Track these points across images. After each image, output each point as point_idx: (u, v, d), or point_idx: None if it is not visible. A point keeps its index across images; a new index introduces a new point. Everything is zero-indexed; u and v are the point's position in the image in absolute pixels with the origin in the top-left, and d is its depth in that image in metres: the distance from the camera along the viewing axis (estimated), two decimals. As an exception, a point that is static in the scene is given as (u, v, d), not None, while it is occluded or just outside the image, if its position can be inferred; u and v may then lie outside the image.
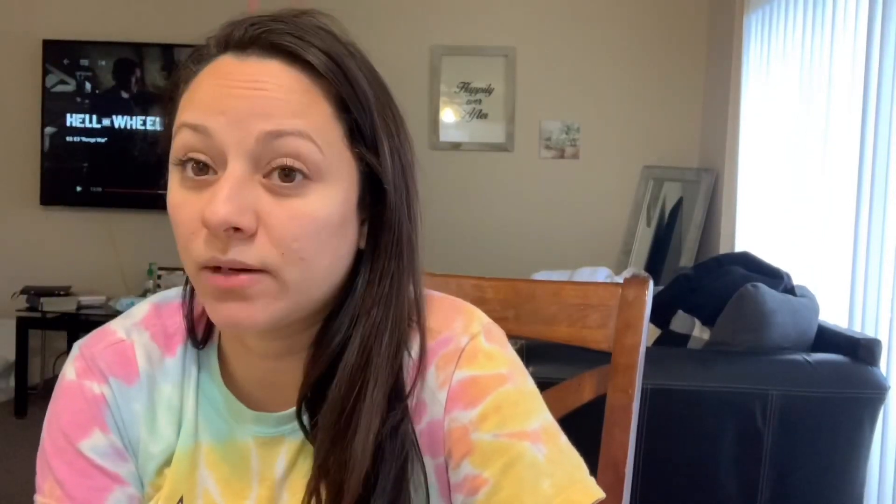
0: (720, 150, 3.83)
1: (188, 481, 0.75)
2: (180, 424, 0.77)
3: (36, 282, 4.17)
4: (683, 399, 2.06)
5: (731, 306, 2.25)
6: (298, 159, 0.65)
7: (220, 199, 0.63)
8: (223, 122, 0.64)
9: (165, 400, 0.77)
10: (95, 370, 0.76)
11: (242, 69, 0.66)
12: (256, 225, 0.65)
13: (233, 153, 0.64)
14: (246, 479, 0.75)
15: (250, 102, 0.64)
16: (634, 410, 1.00)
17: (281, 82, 0.65)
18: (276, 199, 0.65)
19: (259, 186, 0.65)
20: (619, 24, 4.38)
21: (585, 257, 4.05)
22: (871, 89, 2.44)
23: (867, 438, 2.13)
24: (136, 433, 0.77)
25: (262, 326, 0.67)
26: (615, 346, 1.02)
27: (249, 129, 0.64)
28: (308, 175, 0.65)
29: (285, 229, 0.65)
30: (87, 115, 4.39)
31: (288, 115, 0.65)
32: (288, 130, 0.64)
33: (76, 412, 0.75)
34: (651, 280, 1.05)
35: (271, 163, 0.65)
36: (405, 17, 4.30)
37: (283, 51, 0.66)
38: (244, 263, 0.65)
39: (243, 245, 0.64)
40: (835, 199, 2.77)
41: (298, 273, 0.66)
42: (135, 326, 0.79)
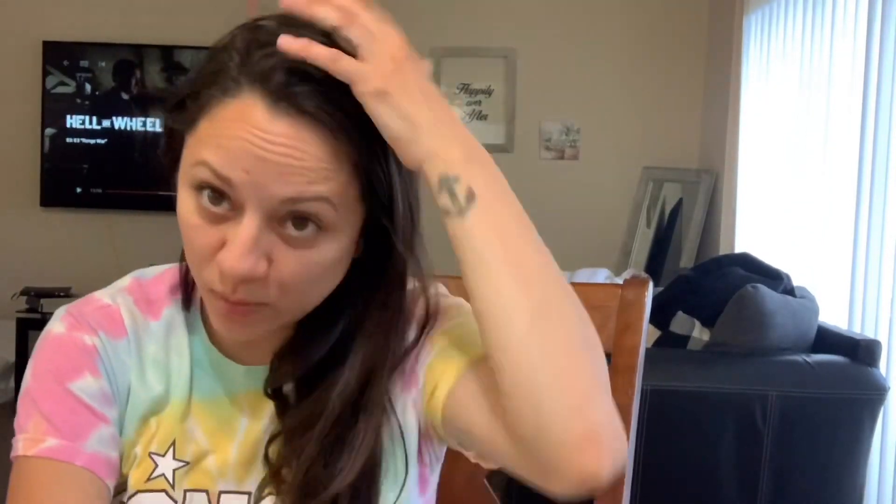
0: (720, 150, 3.83)
1: (179, 428, 0.79)
2: (168, 380, 0.80)
3: (36, 283, 4.17)
4: (683, 400, 2.06)
5: (730, 307, 2.25)
6: (314, 218, 0.68)
7: (238, 255, 0.67)
8: (247, 180, 0.66)
9: (151, 357, 0.81)
10: (85, 325, 0.79)
11: (273, 127, 0.66)
12: (267, 270, 0.68)
13: (252, 206, 0.67)
14: (233, 429, 0.79)
15: (276, 167, 0.66)
16: (634, 411, 1.00)
17: (308, 149, 0.66)
18: (288, 248, 0.69)
19: (273, 234, 0.68)
20: (619, 26, 4.38)
21: (585, 258, 4.05)
22: (871, 89, 2.44)
23: (867, 439, 2.13)
24: (126, 381, 0.80)
25: (257, 338, 0.75)
26: (615, 347, 1.02)
27: (271, 192, 0.66)
28: (321, 228, 0.69)
29: (294, 275, 0.69)
30: (87, 116, 4.39)
31: (312, 183, 0.67)
32: (309, 197, 0.67)
33: (68, 357, 0.78)
34: (651, 281, 1.05)
35: (289, 214, 0.68)
36: (405, 19, 4.26)
37: (313, 116, 0.67)
38: (249, 302, 0.70)
39: (253, 287, 0.69)
40: (835, 199, 2.77)
41: (295, 303, 0.72)
42: (119, 292, 0.83)
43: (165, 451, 0.78)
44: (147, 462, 0.78)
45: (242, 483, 0.78)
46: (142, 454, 0.79)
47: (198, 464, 0.79)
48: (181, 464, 0.78)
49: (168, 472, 0.78)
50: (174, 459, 0.78)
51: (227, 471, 0.79)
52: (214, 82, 0.68)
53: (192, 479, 0.78)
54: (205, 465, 0.79)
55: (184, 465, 0.78)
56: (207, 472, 0.79)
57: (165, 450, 0.79)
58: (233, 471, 0.79)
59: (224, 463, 0.79)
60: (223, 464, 0.79)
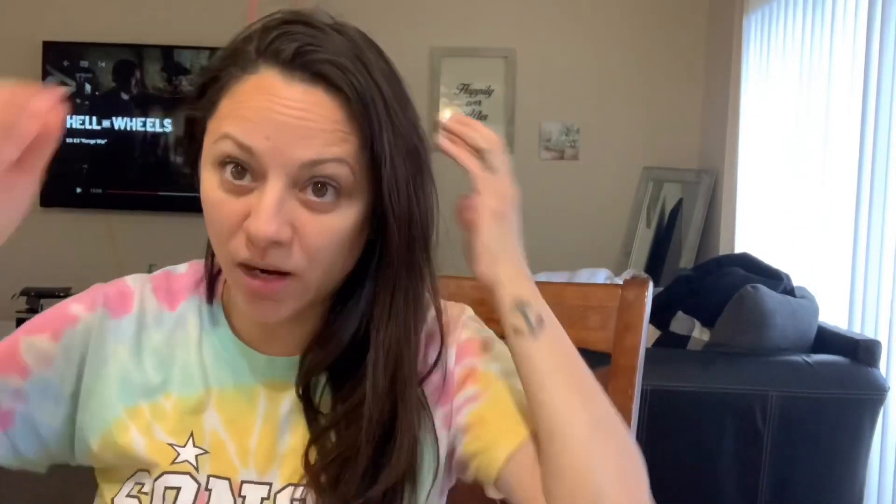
0: (720, 150, 3.83)
1: (195, 421, 0.82)
2: (168, 372, 0.83)
3: (36, 283, 4.17)
4: (683, 400, 2.06)
5: (730, 307, 2.25)
6: (333, 181, 0.73)
7: (265, 217, 0.71)
8: (268, 146, 0.71)
9: (152, 345, 0.84)
10: (89, 300, 0.85)
11: (289, 93, 0.72)
12: (292, 235, 0.73)
13: (274, 173, 0.71)
14: (251, 419, 0.82)
15: (295, 131, 0.71)
16: (634, 411, 1.00)
17: (324, 112, 0.72)
18: (309, 213, 0.73)
19: (295, 200, 0.73)
20: (619, 26, 4.38)
21: (585, 258, 4.05)
22: (871, 89, 2.44)
23: (867, 439, 2.13)
24: (104, 355, 0.83)
25: (285, 318, 0.78)
26: (615, 348, 1.02)
27: (292, 155, 0.71)
28: (339, 194, 0.73)
29: (316, 240, 0.73)
30: (86, 116, 4.39)
31: (329, 144, 0.72)
32: (328, 158, 0.72)
33: (48, 319, 0.84)
34: (651, 281, 1.05)
35: (310, 180, 0.72)
36: (405, 19, 4.30)
37: (326, 79, 0.72)
38: (279, 268, 0.73)
39: (280, 252, 0.72)
40: (834, 199, 2.77)
41: (321, 276, 0.76)
42: (145, 279, 0.88)
43: (185, 443, 0.81)
44: (168, 450, 0.81)
45: (263, 474, 0.81)
46: (148, 440, 0.81)
47: (217, 452, 0.81)
48: (201, 451, 0.81)
49: (191, 457, 0.81)
50: (194, 447, 0.81)
51: (248, 461, 0.81)
52: (234, 63, 0.74)
53: (215, 465, 0.81)
54: (226, 454, 0.81)
55: (204, 452, 0.81)
56: (230, 460, 0.81)
57: (185, 441, 0.81)
58: (254, 461, 0.81)
59: (245, 453, 0.81)
60: (244, 454, 0.81)
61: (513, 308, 0.77)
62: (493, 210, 0.79)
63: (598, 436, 0.74)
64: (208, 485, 0.80)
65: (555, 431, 0.74)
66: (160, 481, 0.80)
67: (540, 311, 0.78)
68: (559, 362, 0.76)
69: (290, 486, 0.80)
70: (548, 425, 0.75)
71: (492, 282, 0.79)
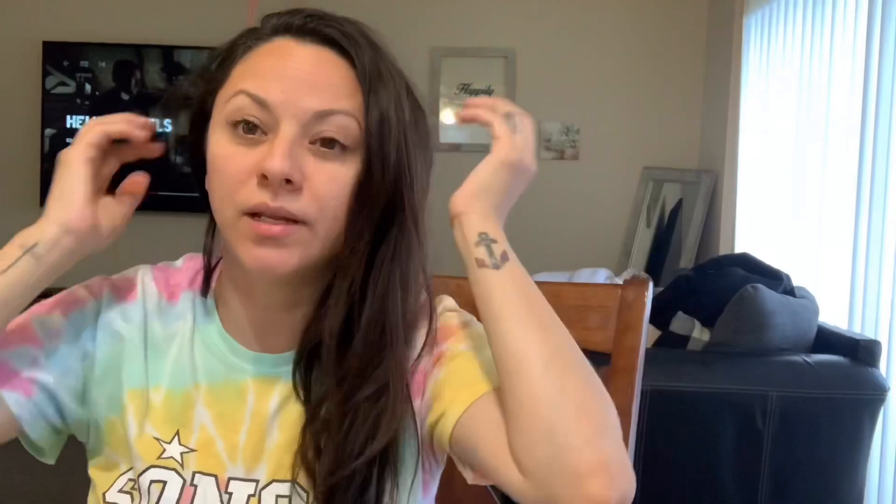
0: (720, 151, 3.83)
1: (183, 417, 0.83)
2: (161, 366, 0.84)
3: (36, 283, 4.17)
4: (683, 400, 2.06)
5: (730, 307, 2.25)
6: (342, 133, 0.77)
7: (279, 154, 0.74)
8: (281, 98, 0.76)
9: (152, 335, 0.85)
10: (97, 287, 0.87)
11: (301, 51, 0.78)
12: (303, 181, 0.75)
13: (286, 121, 0.75)
14: (240, 415, 0.83)
15: (306, 83, 0.76)
16: (634, 412, 1.00)
17: (333, 69, 0.78)
18: (319, 162, 0.76)
19: (305, 149, 0.76)
20: (619, 26, 4.38)
21: (585, 258, 4.05)
22: (871, 90, 2.44)
23: (867, 439, 2.13)
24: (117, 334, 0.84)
25: (290, 271, 0.77)
26: (615, 348, 1.02)
27: (304, 105, 0.76)
28: (347, 146, 0.77)
29: (326, 188, 0.76)
30: (87, 116, 4.39)
31: (338, 98, 0.77)
32: (337, 110, 0.76)
33: (50, 303, 0.85)
34: (651, 281, 1.05)
35: (319, 133, 0.76)
36: (404, 19, 4.29)
37: (335, 44, 0.78)
38: (289, 212, 0.75)
39: (291, 196, 0.75)
40: (835, 199, 2.77)
41: (329, 226, 0.77)
42: (147, 270, 0.90)
43: (171, 439, 0.82)
44: (155, 444, 0.82)
45: (251, 471, 0.81)
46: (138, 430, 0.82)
47: (205, 450, 0.82)
48: (187, 449, 0.82)
49: (176, 454, 0.81)
50: (180, 445, 0.82)
51: (236, 456, 0.81)
52: (248, 37, 0.81)
53: (202, 462, 0.81)
54: (214, 450, 0.82)
55: (189, 451, 0.82)
56: (217, 456, 0.82)
57: (171, 437, 0.82)
58: (242, 456, 0.81)
59: (234, 448, 0.82)
60: (233, 449, 0.82)
61: (478, 241, 0.78)
62: (503, 158, 0.80)
63: (555, 367, 0.72)
64: (193, 480, 0.81)
65: (511, 365, 0.73)
66: (146, 475, 0.81)
67: (505, 248, 0.78)
68: (519, 294, 0.76)
69: (275, 483, 0.80)
70: (505, 358, 0.74)
71: (461, 212, 0.79)
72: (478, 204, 0.79)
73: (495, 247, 0.77)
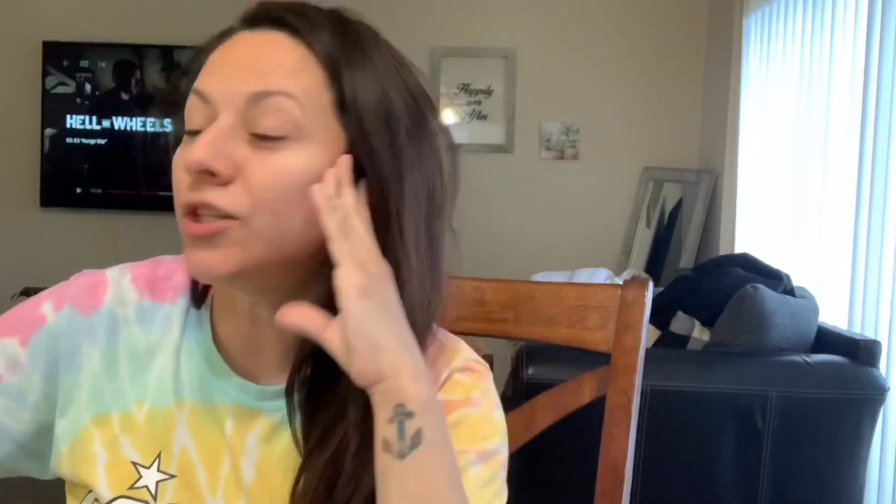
0: (720, 151, 3.83)
1: (165, 438, 0.75)
2: (145, 382, 0.77)
3: (36, 283, 4.16)
4: (683, 400, 2.06)
5: (730, 307, 2.25)
6: (280, 117, 0.68)
7: (200, 144, 0.67)
8: (217, 87, 0.69)
9: (129, 344, 0.78)
10: (59, 295, 0.79)
11: (250, 39, 0.71)
12: (234, 173, 0.68)
13: (223, 109, 0.69)
14: (221, 443, 0.75)
15: (244, 67, 0.69)
16: (634, 412, 1.00)
17: (279, 51, 0.70)
18: (255, 152, 0.68)
19: (243, 139, 0.68)
20: (619, 26, 4.38)
21: (585, 258, 4.05)
22: (871, 90, 2.44)
23: (867, 439, 2.13)
24: (75, 359, 0.77)
25: (228, 274, 0.69)
26: (615, 348, 1.02)
27: (239, 89, 0.68)
28: (286, 133, 0.68)
29: (259, 178, 0.68)
30: (87, 116, 4.39)
31: (277, 77, 0.68)
32: (274, 91, 0.68)
33: (18, 318, 0.78)
34: (651, 281, 1.05)
35: (256, 119, 0.68)
36: (404, 19, 4.29)
37: (287, 25, 0.71)
38: (216, 206, 0.67)
39: (217, 189, 0.67)
40: (835, 199, 2.77)
41: (269, 224, 0.68)
42: (123, 268, 0.82)
43: (151, 464, 0.75)
44: (130, 469, 0.75)
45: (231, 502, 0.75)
46: (111, 456, 0.75)
47: (185, 476, 0.75)
48: (165, 476, 0.75)
49: (151, 483, 0.74)
50: (158, 471, 0.75)
51: (217, 488, 0.75)
52: (215, 38, 0.74)
53: (179, 493, 0.74)
54: (193, 480, 0.75)
55: (168, 477, 0.75)
56: (197, 486, 0.75)
57: (151, 462, 0.75)
58: (223, 489, 0.75)
59: (215, 479, 0.75)
60: (214, 480, 0.75)
61: (390, 416, 0.65)
62: (358, 286, 0.66)
63: None
64: None
65: None
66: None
67: (423, 424, 0.65)
68: (420, 495, 0.65)
69: None
70: None
71: (375, 381, 0.66)
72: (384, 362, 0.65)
73: (409, 424, 0.64)
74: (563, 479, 1.84)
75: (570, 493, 1.27)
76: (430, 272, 0.73)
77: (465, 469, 0.72)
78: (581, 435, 1.16)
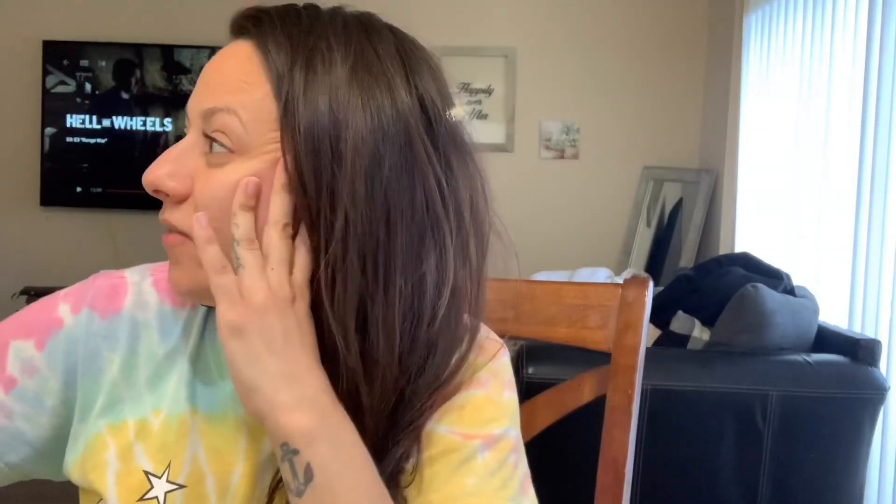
0: (720, 150, 3.83)
1: (177, 446, 0.74)
2: (161, 388, 0.75)
3: (36, 282, 4.17)
4: (683, 399, 2.06)
5: (731, 307, 2.25)
6: (223, 132, 0.68)
7: (156, 163, 0.69)
8: (191, 103, 0.71)
9: (149, 350, 0.76)
10: (78, 297, 0.77)
11: (225, 51, 0.71)
12: (187, 191, 0.69)
13: (192, 125, 0.71)
14: (234, 453, 0.74)
15: (208, 84, 0.70)
16: (634, 411, 1.00)
17: (236, 61, 0.69)
18: (206, 168, 0.69)
19: (202, 156, 0.70)
20: (619, 25, 4.38)
21: (585, 258, 4.05)
22: (871, 90, 2.44)
23: (867, 439, 2.13)
24: (95, 364, 0.75)
25: (185, 289, 0.71)
26: (615, 347, 1.02)
27: (199, 106, 0.70)
28: (231, 148, 0.68)
29: (200, 196, 0.68)
30: (87, 115, 4.39)
31: (224, 93, 0.68)
32: (219, 107, 0.68)
33: (36, 320, 0.77)
34: (651, 280, 1.05)
35: (209, 136, 0.69)
36: (404, 18, 4.27)
37: (248, 34, 0.70)
38: (172, 225, 0.70)
39: (175, 210, 0.69)
40: (835, 199, 2.77)
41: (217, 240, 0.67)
42: (144, 270, 0.81)
43: (162, 473, 0.73)
44: (142, 479, 0.73)
45: None
46: (123, 466, 0.74)
47: (195, 487, 0.73)
48: (174, 487, 0.73)
49: (161, 494, 0.73)
50: (168, 482, 0.73)
51: (226, 499, 0.73)
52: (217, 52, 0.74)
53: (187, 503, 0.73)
54: (203, 491, 0.74)
55: (177, 488, 0.73)
56: (205, 497, 0.73)
57: (162, 472, 0.73)
58: (233, 500, 0.73)
59: (224, 490, 0.74)
60: (223, 491, 0.74)
61: (280, 456, 0.64)
62: (229, 323, 0.64)
63: None
64: None
65: None
66: None
67: (310, 457, 0.63)
68: None
69: None
70: None
71: (260, 420, 0.65)
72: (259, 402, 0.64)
73: (298, 461, 0.63)
74: (564, 478, 1.84)
75: (571, 493, 1.27)
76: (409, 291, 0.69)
77: (472, 458, 0.71)
78: (581, 434, 1.16)
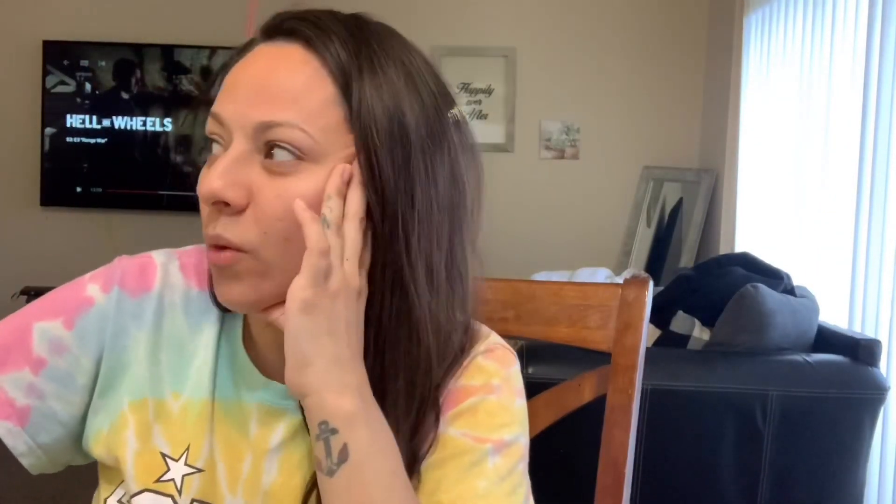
0: (720, 150, 3.83)
1: (196, 431, 0.75)
2: (183, 372, 0.77)
3: (36, 282, 4.17)
4: (683, 399, 2.06)
5: (731, 307, 2.25)
6: (291, 144, 0.66)
7: (215, 173, 0.66)
8: (230, 111, 0.68)
9: (174, 332, 0.77)
10: (106, 277, 0.78)
11: (265, 53, 0.69)
12: (247, 202, 0.67)
13: (237, 134, 0.67)
14: (245, 443, 0.75)
15: (255, 90, 0.67)
16: (634, 411, 1.00)
17: (289, 66, 0.68)
18: (268, 178, 0.67)
19: (258, 165, 0.67)
20: (619, 25, 4.38)
21: (585, 258, 4.05)
22: (871, 90, 2.44)
23: (867, 439, 2.13)
24: (125, 344, 0.76)
25: (247, 305, 0.69)
26: (615, 347, 1.02)
27: (249, 116, 0.67)
28: (300, 157, 0.67)
29: (270, 207, 0.66)
30: (87, 115, 4.39)
31: (284, 104, 0.67)
32: (277, 121, 0.66)
33: (58, 299, 0.78)
34: (651, 280, 1.05)
35: (268, 144, 0.67)
36: (405, 18, 4.27)
37: (301, 36, 0.69)
38: (226, 240, 0.67)
39: (229, 221, 0.67)
40: (835, 199, 2.77)
41: (278, 253, 0.67)
42: (170, 253, 0.81)
43: (179, 456, 0.75)
44: (158, 461, 0.75)
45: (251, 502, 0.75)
46: (141, 445, 0.75)
47: (209, 472, 0.75)
48: (192, 470, 0.75)
49: (178, 477, 0.74)
50: (186, 465, 0.75)
51: (237, 488, 0.75)
52: (236, 52, 0.73)
53: (202, 488, 0.75)
54: (216, 476, 0.75)
55: (195, 471, 0.75)
56: (217, 483, 0.75)
57: (180, 454, 0.75)
58: (243, 489, 0.75)
59: (235, 479, 0.75)
60: (234, 480, 0.75)
61: (316, 434, 0.66)
62: (303, 299, 0.65)
63: None
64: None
65: None
66: (140, 498, 0.74)
67: (349, 439, 0.65)
68: None
69: None
70: None
71: (299, 394, 0.66)
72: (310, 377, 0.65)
73: (335, 441, 0.65)
74: (564, 478, 1.84)
75: (571, 493, 1.27)
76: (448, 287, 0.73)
77: (482, 462, 0.72)
78: (581, 434, 1.16)
